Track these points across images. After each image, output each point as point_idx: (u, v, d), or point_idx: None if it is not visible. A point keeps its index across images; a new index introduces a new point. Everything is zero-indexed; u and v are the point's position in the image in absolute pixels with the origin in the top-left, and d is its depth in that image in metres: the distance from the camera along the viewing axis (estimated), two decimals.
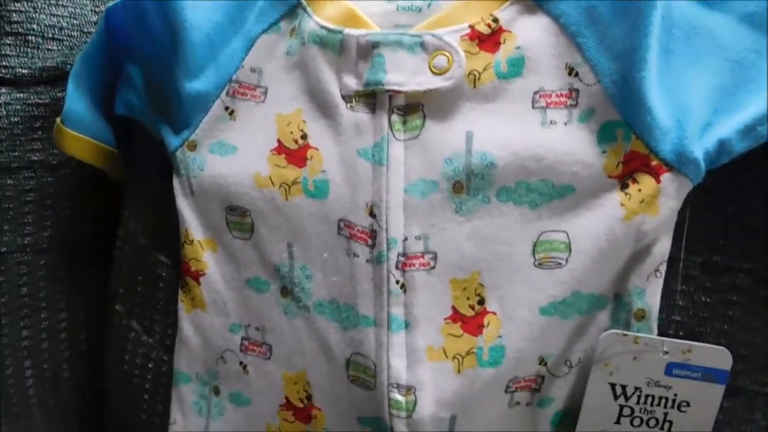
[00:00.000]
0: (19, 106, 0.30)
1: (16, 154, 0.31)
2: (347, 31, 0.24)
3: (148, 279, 0.30)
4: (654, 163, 0.22)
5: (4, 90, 0.30)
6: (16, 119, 0.30)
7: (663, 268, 0.23)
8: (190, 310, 0.28)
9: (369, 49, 0.24)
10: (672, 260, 0.23)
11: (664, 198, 0.22)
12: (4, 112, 0.30)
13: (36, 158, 0.31)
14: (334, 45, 0.24)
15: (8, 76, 0.30)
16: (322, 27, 0.25)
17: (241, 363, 0.27)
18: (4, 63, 0.30)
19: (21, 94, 0.30)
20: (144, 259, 0.30)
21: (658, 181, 0.22)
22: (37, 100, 0.31)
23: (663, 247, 0.23)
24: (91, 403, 0.34)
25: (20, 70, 0.30)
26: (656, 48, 0.21)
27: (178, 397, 0.29)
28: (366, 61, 0.24)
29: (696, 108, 0.22)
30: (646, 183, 0.22)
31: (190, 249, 0.27)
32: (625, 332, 0.23)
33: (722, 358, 0.23)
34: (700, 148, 0.22)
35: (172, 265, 0.29)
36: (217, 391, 0.28)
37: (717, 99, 0.22)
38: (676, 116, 0.22)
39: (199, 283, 0.28)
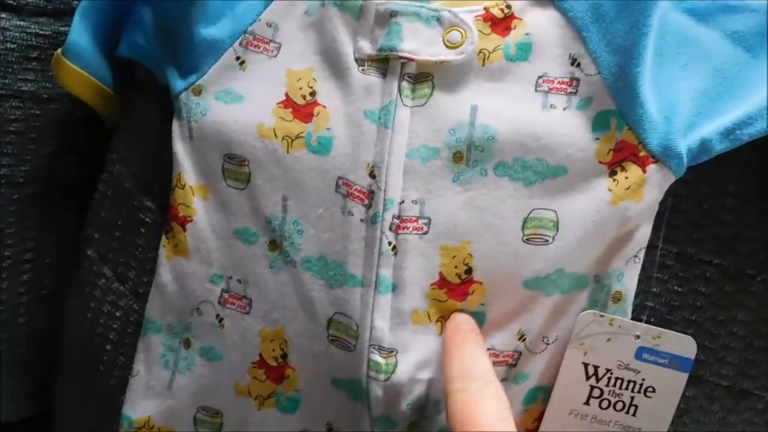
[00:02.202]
0: (17, 33, 0.30)
1: (6, 81, 0.30)
2: None
3: (129, 224, 0.29)
4: (642, 153, 0.23)
5: (4, 15, 0.29)
6: (12, 46, 0.29)
7: (641, 254, 0.24)
8: (171, 257, 0.27)
9: (387, 17, 0.24)
10: (650, 248, 0.25)
11: (649, 187, 0.24)
12: (0, 37, 0.29)
13: (26, 88, 0.30)
14: (354, 10, 0.25)
15: (11, 1, 0.29)
16: None
17: (217, 316, 0.27)
18: None
19: (21, 22, 0.30)
20: (127, 203, 0.30)
21: (644, 170, 0.24)
22: (37, 30, 0.30)
23: (643, 233, 0.24)
24: (44, 352, 0.32)
25: None
26: (652, 49, 0.23)
27: (145, 347, 0.28)
28: (383, 28, 0.24)
29: (682, 108, 0.24)
30: (633, 171, 0.24)
31: (180, 193, 0.27)
32: (602, 313, 0.24)
33: (688, 346, 0.24)
34: (684, 145, 0.23)
35: (157, 211, 0.29)
36: (187, 344, 0.27)
37: (701, 103, 0.24)
38: (665, 113, 0.24)
39: (185, 230, 0.27)
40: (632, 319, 0.25)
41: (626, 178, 0.24)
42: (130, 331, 0.29)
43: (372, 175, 0.24)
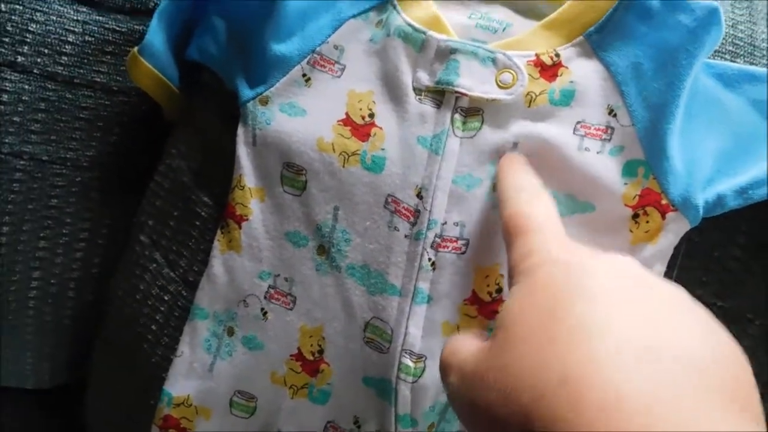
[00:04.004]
0: (95, 27, 0.32)
1: (81, 71, 0.32)
2: (431, 33, 0.27)
3: (184, 215, 0.32)
4: (664, 201, 0.26)
5: (84, 9, 0.31)
6: (90, 39, 0.31)
7: None
8: (224, 251, 0.30)
9: (447, 53, 0.27)
10: None
11: (665, 232, 0.26)
12: (80, 30, 0.31)
13: (99, 80, 0.32)
14: (416, 42, 0.27)
15: None
16: (409, 24, 0.28)
17: (262, 309, 0.29)
18: None
19: (100, 17, 0.32)
20: (184, 196, 0.32)
21: (663, 217, 0.26)
22: (114, 26, 0.32)
23: (656, 273, 0.27)
24: (88, 329, 0.34)
25: None
26: (682, 108, 0.26)
27: (192, 331, 0.30)
28: (441, 63, 0.27)
29: (704, 164, 0.26)
30: (653, 217, 0.26)
31: (239, 193, 0.29)
32: None
33: None
34: (701, 198, 0.26)
35: (213, 207, 0.31)
36: (231, 332, 0.30)
37: (721, 161, 0.27)
38: (688, 167, 0.26)
39: (240, 227, 0.29)
40: None
41: (647, 222, 0.26)
42: (176, 314, 0.31)
43: (419, 196, 0.27)
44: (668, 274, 0.27)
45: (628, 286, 0.18)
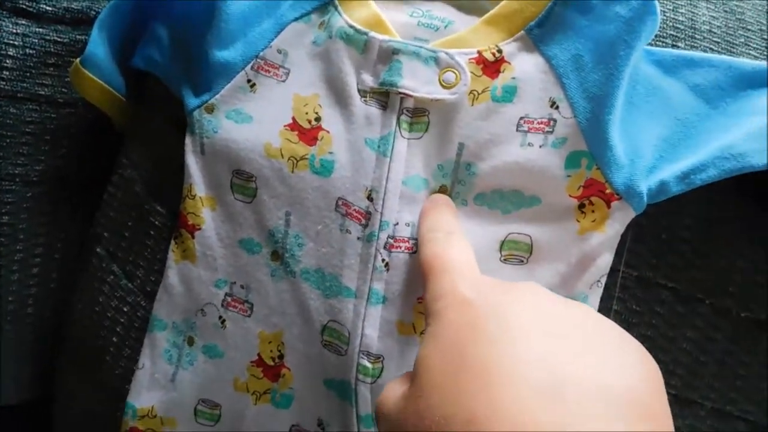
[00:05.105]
0: (36, 40, 0.31)
1: (25, 85, 0.31)
2: (372, 34, 0.27)
3: (138, 226, 0.31)
4: (608, 191, 0.26)
5: (23, 22, 0.31)
6: (31, 52, 0.31)
7: (603, 280, 0.27)
8: (179, 261, 0.30)
9: (389, 54, 0.27)
10: (613, 271, 0.27)
11: (611, 221, 0.26)
12: (20, 43, 0.31)
13: (43, 93, 0.32)
14: (359, 44, 0.27)
15: (31, 9, 0.31)
16: (350, 26, 0.27)
17: (220, 317, 0.29)
18: None
19: (40, 29, 0.31)
20: (137, 206, 0.31)
21: (608, 206, 0.26)
22: (55, 38, 0.31)
23: (605, 261, 0.27)
24: (48, 340, 0.34)
25: (44, 6, 0.31)
26: (622, 98, 0.26)
27: (151, 343, 0.30)
28: (385, 64, 0.27)
29: (646, 152, 0.27)
30: (598, 207, 0.26)
31: (190, 203, 0.29)
32: None
33: None
34: (644, 185, 0.26)
35: (167, 215, 0.31)
36: (191, 342, 0.30)
37: (662, 148, 0.27)
38: (630, 156, 0.26)
39: (193, 237, 0.29)
40: None
41: (593, 211, 0.26)
42: (136, 325, 0.31)
43: (370, 198, 0.27)
44: (618, 260, 0.28)
45: (534, 321, 0.18)
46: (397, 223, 0.27)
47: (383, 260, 0.27)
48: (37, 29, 0.31)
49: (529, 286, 0.20)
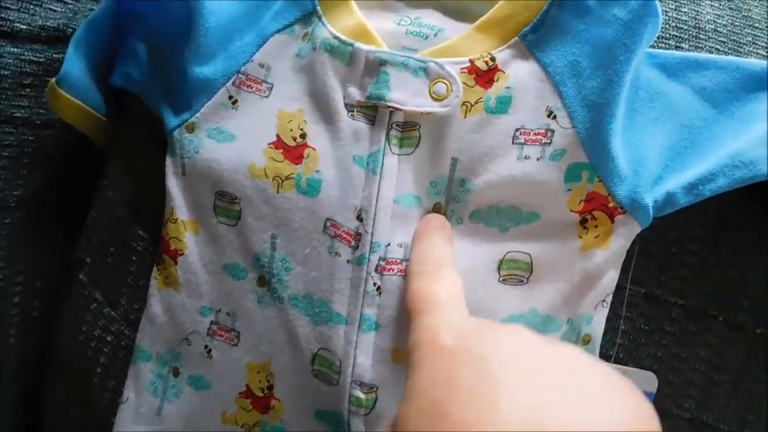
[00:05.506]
0: (11, 60, 0.30)
1: (0, 107, 0.30)
2: (358, 45, 0.26)
3: (120, 251, 0.30)
4: (611, 204, 0.25)
5: None
6: (5, 72, 0.30)
7: (609, 299, 0.26)
8: (161, 288, 0.28)
9: (376, 66, 0.25)
10: (619, 288, 0.26)
11: (615, 236, 0.25)
12: None
13: (20, 114, 0.31)
14: (344, 56, 0.26)
15: (5, 28, 0.30)
16: (335, 37, 0.26)
17: (206, 347, 0.28)
18: (2, 15, 0.29)
19: (15, 49, 0.30)
20: (119, 230, 0.30)
21: (612, 221, 0.25)
22: (31, 57, 0.30)
23: (610, 279, 0.26)
24: (34, 368, 0.33)
25: (19, 24, 0.30)
26: (624, 105, 0.25)
27: (135, 374, 0.29)
28: (372, 76, 0.25)
29: (651, 162, 0.25)
30: (602, 221, 0.25)
31: (172, 227, 0.28)
32: None
33: (650, 381, 0.26)
34: (650, 197, 0.25)
35: (149, 240, 0.30)
36: (176, 373, 0.28)
37: (668, 157, 0.25)
38: (634, 166, 0.25)
39: (176, 263, 0.28)
40: (601, 354, 0.26)
41: (596, 227, 0.25)
42: (121, 356, 0.30)
43: (359, 218, 0.25)
44: (624, 276, 0.26)
45: (519, 371, 0.17)
46: (389, 244, 0.25)
47: (375, 284, 0.25)
48: (11, 49, 0.30)
49: (514, 329, 0.19)
